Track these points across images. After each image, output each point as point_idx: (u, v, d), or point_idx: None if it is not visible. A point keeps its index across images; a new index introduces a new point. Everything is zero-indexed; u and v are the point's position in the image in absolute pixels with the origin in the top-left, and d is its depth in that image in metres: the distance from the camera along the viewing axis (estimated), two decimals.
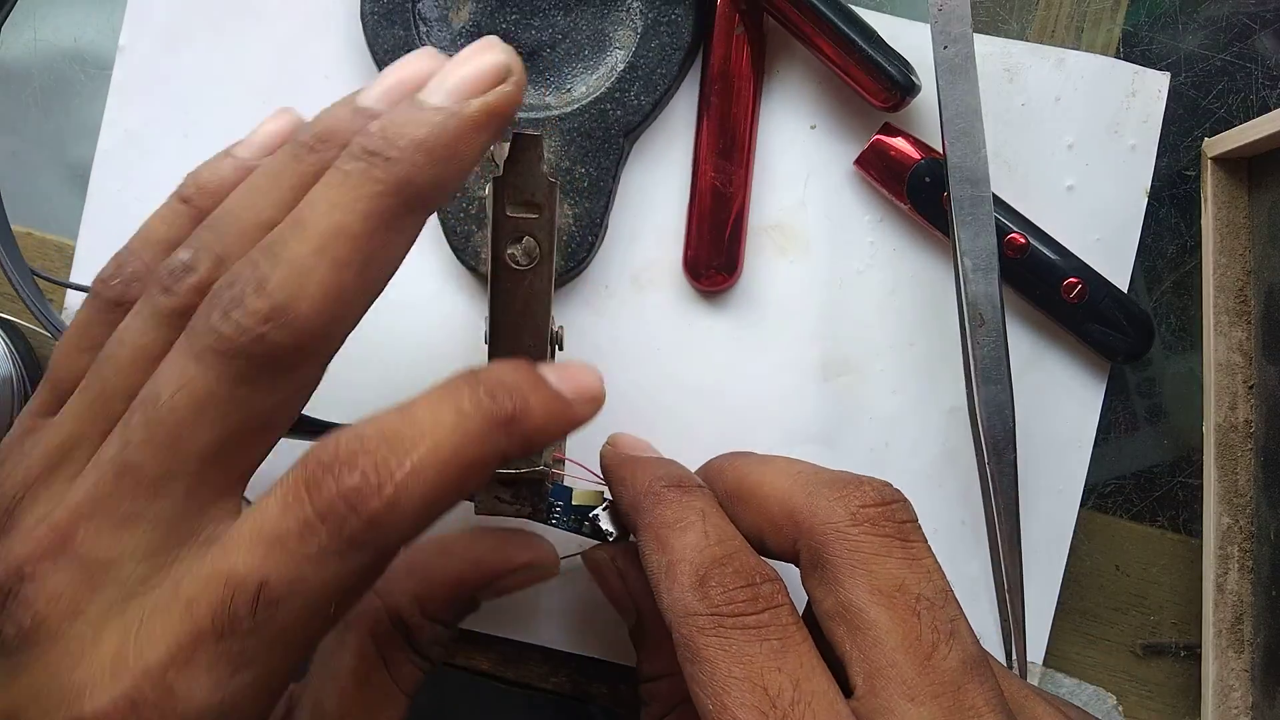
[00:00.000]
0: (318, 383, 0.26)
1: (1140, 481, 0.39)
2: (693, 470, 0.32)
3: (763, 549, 0.28)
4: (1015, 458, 0.35)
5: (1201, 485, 0.38)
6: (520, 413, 0.26)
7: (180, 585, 0.24)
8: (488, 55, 0.27)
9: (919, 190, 0.37)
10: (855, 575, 0.26)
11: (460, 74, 0.26)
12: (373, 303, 0.26)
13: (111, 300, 0.29)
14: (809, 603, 0.28)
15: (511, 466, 0.32)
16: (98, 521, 0.24)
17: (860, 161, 0.37)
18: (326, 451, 0.24)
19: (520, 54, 0.37)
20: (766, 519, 0.29)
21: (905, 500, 0.28)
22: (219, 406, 0.24)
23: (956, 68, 0.34)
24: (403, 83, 0.27)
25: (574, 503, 0.34)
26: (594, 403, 0.29)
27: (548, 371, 0.28)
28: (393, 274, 0.26)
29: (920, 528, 0.28)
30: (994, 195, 0.37)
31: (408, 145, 0.26)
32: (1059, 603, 0.38)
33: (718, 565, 0.27)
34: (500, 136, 0.28)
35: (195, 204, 0.30)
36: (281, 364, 0.25)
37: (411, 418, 0.25)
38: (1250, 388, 0.38)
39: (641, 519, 0.29)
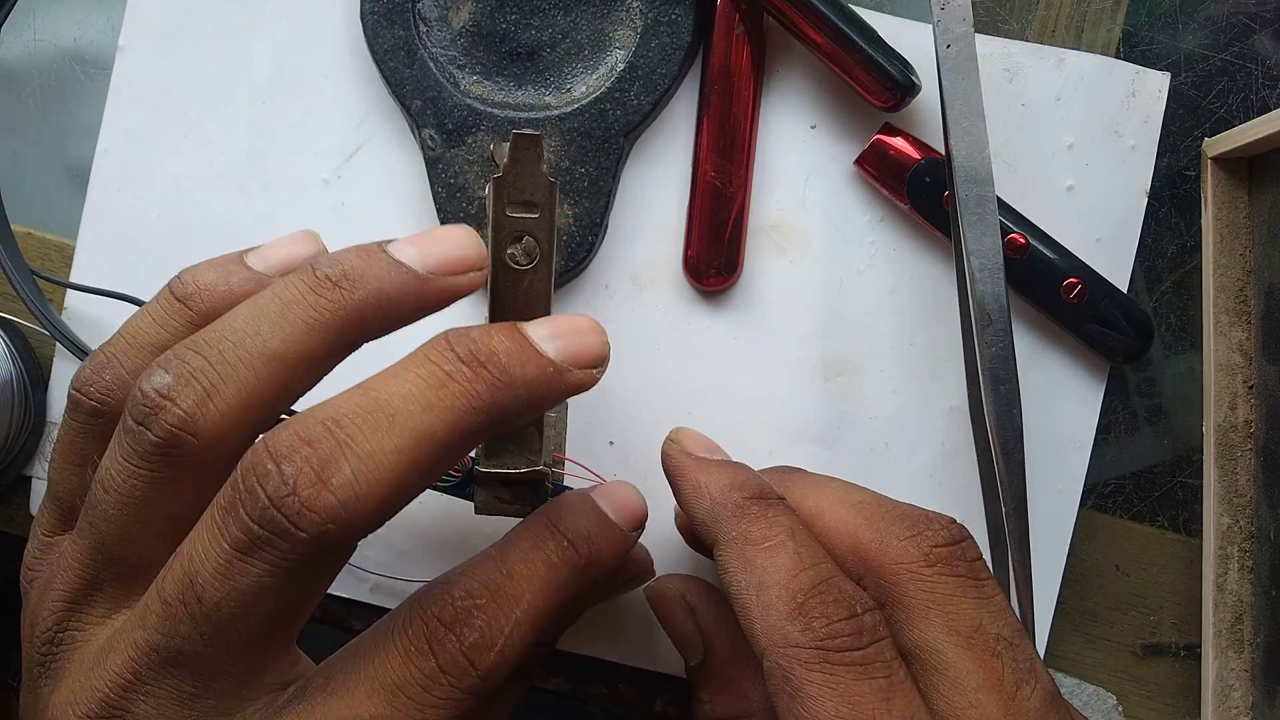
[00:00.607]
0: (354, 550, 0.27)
1: (1140, 481, 0.39)
2: None
3: None
4: (1023, 457, 0.35)
5: (1201, 485, 0.38)
6: (595, 558, 0.29)
7: None
8: (599, 339, 0.28)
9: (919, 190, 0.37)
10: (931, 617, 0.26)
11: (577, 343, 0.28)
12: None
13: (91, 411, 0.28)
14: None
15: (511, 466, 0.32)
16: (156, 699, 0.25)
17: (860, 161, 0.37)
18: (445, 609, 0.26)
19: (519, 53, 0.37)
20: (828, 550, 0.28)
21: (971, 537, 0.28)
22: (268, 600, 0.24)
23: (959, 67, 0.34)
24: (446, 259, 0.28)
25: None
26: (640, 527, 0.31)
27: (601, 501, 0.30)
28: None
29: (988, 566, 0.27)
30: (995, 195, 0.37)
31: (517, 379, 0.26)
32: (1059, 603, 0.38)
33: (817, 592, 0.26)
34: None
35: (193, 307, 0.28)
36: (333, 555, 0.25)
37: (510, 572, 0.27)
38: (1250, 388, 0.38)
39: (722, 532, 0.28)
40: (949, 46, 0.34)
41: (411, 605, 0.26)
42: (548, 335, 0.27)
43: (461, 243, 0.28)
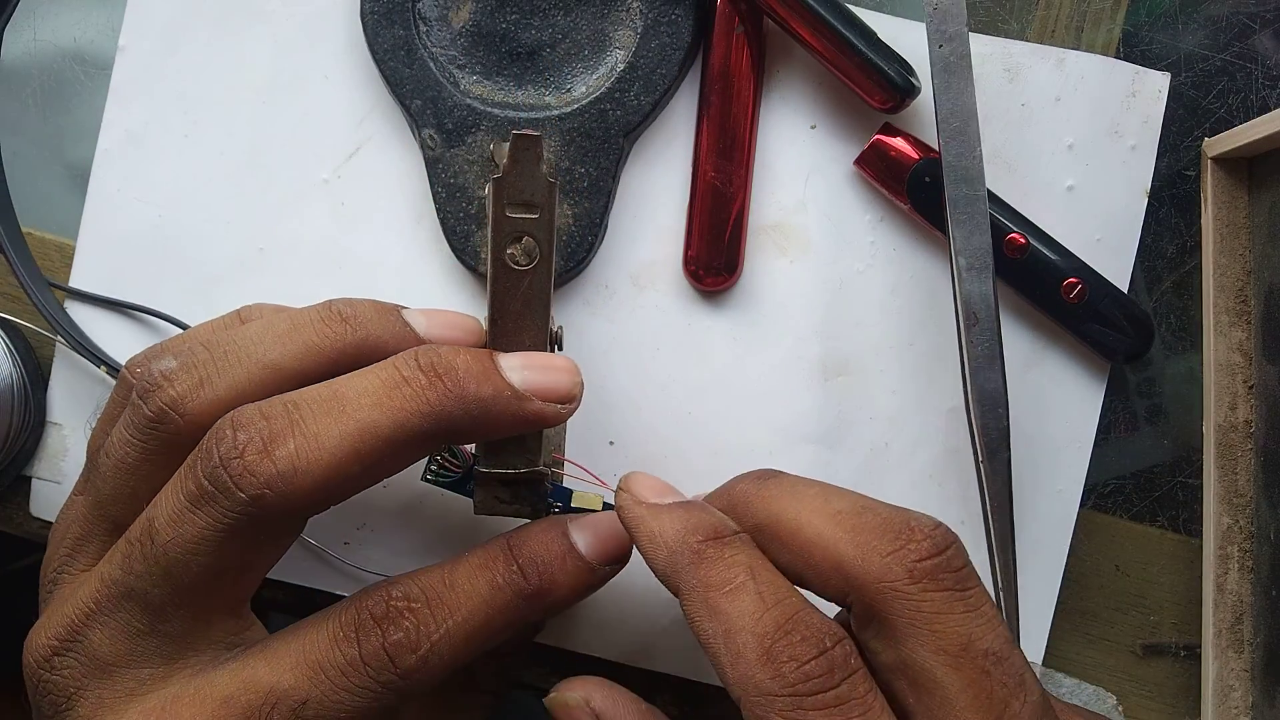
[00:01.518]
0: (301, 530, 0.29)
1: (1140, 481, 0.39)
2: (709, 490, 0.31)
3: (802, 584, 0.28)
4: (1009, 457, 0.35)
5: (1201, 485, 0.38)
6: (545, 587, 0.30)
7: (214, 683, 0.27)
8: (570, 379, 0.31)
9: (919, 190, 0.37)
10: (918, 635, 0.26)
11: (545, 377, 0.30)
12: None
13: (128, 388, 0.30)
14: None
15: (510, 466, 0.32)
16: (110, 630, 0.28)
17: (860, 161, 0.37)
18: (379, 605, 0.28)
19: (519, 53, 0.37)
20: (809, 565, 0.27)
21: (957, 541, 0.27)
22: (211, 551, 0.27)
23: (951, 66, 0.34)
24: (444, 339, 0.31)
25: (573, 504, 0.34)
26: (619, 564, 0.32)
27: (577, 531, 0.31)
28: (384, 479, 0.29)
29: (974, 570, 0.27)
30: (994, 195, 0.37)
31: (469, 394, 0.28)
32: (1059, 603, 0.38)
33: (783, 633, 0.25)
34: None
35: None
36: (270, 526, 0.27)
37: (453, 583, 0.29)
38: (1250, 388, 0.38)
39: (683, 581, 0.28)
40: (941, 46, 0.34)
41: (354, 596, 0.29)
42: (518, 365, 0.30)
43: (465, 328, 0.32)
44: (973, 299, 0.35)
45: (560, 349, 0.33)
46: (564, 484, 0.34)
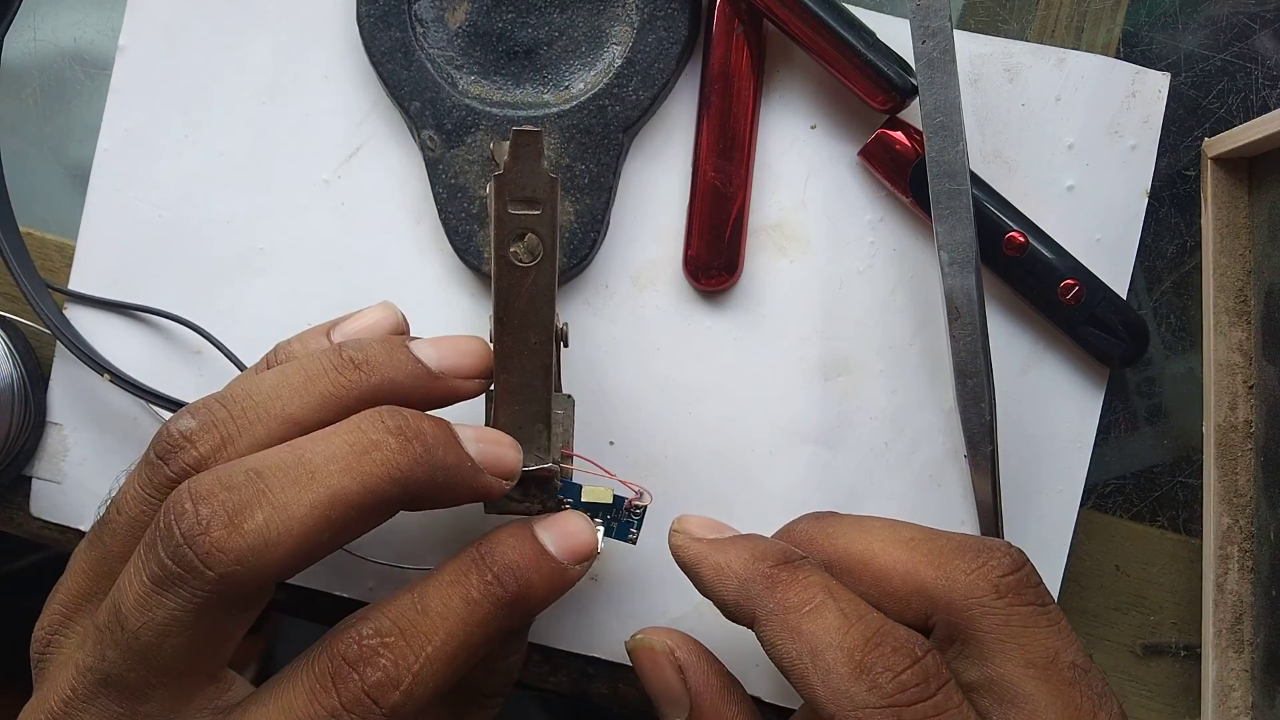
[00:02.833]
0: (273, 593, 0.28)
1: (1140, 481, 0.39)
2: (756, 531, 0.32)
3: None
4: (993, 450, 0.35)
5: (1201, 485, 0.38)
6: (523, 593, 0.29)
7: None
8: (515, 454, 0.31)
9: (922, 184, 0.36)
10: (1007, 650, 0.26)
11: (496, 451, 0.30)
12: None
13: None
14: None
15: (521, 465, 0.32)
16: (91, 718, 0.26)
17: (864, 153, 0.37)
18: (350, 648, 0.26)
19: (516, 52, 0.37)
20: (886, 591, 0.28)
21: (1029, 561, 0.28)
22: (184, 631, 0.26)
23: (935, 61, 0.34)
24: (459, 365, 0.31)
25: (583, 499, 0.34)
26: (588, 562, 0.31)
27: (543, 531, 0.30)
28: (350, 542, 0.28)
29: (1048, 589, 0.28)
30: (995, 193, 0.37)
31: (438, 461, 0.28)
32: (1059, 603, 0.38)
33: (873, 646, 0.25)
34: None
35: None
36: (242, 600, 0.26)
37: (425, 608, 0.27)
38: (1250, 388, 0.38)
39: (759, 607, 0.27)
40: (925, 42, 0.34)
41: (322, 642, 0.27)
42: (472, 437, 0.30)
43: (472, 351, 0.31)
44: (956, 293, 0.35)
45: (566, 345, 0.33)
46: (573, 479, 0.34)
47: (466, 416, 0.32)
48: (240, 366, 0.38)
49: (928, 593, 0.27)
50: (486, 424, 0.33)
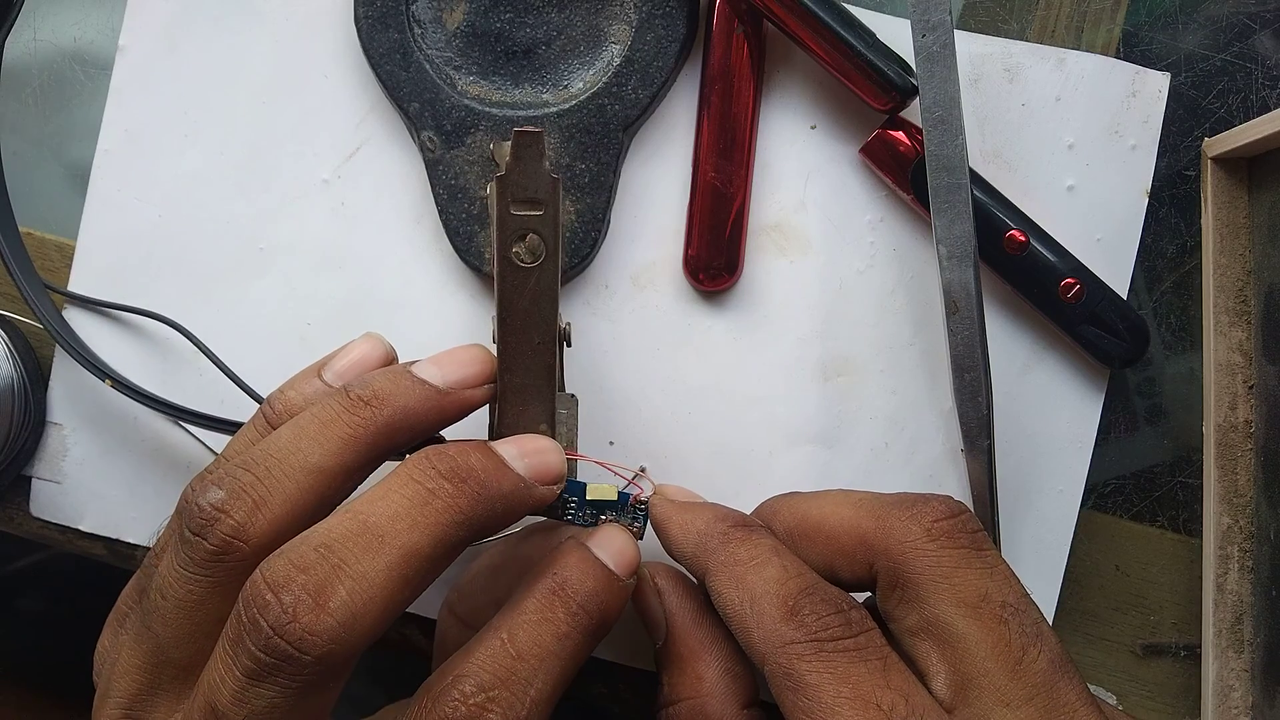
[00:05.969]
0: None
1: (1140, 481, 0.39)
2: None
3: (830, 577, 0.29)
4: (990, 445, 0.36)
5: (1201, 485, 0.38)
6: (605, 618, 0.29)
7: None
8: (559, 458, 0.31)
9: (922, 181, 0.36)
10: (939, 590, 0.27)
11: (541, 461, 0.30)
12: None
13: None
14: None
15: None
16: None
17: (866, 150, 0.37)
18: (459, 710, 0.26)
19: (515, 52, 0.37)
20: (836, 549, 0.29)
21: (969, 510, 0.29)
22: (285, 717, 0.25)
23: (935, 56, 0.34)
24: (464, 376, 0.31)
25: (588, 497, 0.34)
26: (636, 573, 0.31)
27: (599, 550, 0.30)
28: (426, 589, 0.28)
29: (988, 535, 0.28)
30: (997, 191, 0.37)
31: (494, 493, 0.28)
32: (1059, 603, 0.38)
33: (805, 595, 0.27)
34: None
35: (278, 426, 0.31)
36: (336, 672, 0.26)
37: (519, 651, 0.27)
38: (1250, 388, 0.38)
39: (711, 560, 0.29)
40: (924, 36, 0.34)
41: (422, 705, 0.27)
42: (516, 453, 0.30)
43: (474, 359, 0.32)
44: (953, 287, 0.35)
45: (569, 345, 0.33)
46: (577, 478, 0.34)
47: (469, 420, 0.32)
48: (229, 374, 0.38)
49: (868, 542, 0.28)
50: (490, 425, 0.33)
